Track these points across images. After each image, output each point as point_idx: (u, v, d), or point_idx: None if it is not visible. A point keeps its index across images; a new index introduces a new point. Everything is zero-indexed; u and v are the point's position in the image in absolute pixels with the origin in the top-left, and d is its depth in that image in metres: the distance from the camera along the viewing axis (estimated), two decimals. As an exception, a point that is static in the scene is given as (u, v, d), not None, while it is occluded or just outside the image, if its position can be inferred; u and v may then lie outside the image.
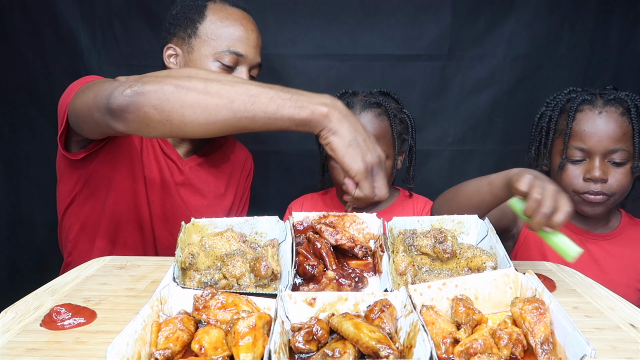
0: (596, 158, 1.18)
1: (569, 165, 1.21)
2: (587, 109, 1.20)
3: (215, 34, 1.23)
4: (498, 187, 1.01)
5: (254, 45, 1.26)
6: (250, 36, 1.26)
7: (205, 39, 1.23)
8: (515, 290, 0.71)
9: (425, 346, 0.55)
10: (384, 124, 1.29)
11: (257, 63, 1.28)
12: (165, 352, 0.58)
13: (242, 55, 1.23)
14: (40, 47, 1.65)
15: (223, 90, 0.82)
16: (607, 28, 1.66)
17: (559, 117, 1.26)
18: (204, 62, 1.23)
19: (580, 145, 1.19)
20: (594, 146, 1.17)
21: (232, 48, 1.22)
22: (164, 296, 0.67)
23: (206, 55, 1.23)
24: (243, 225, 0.93)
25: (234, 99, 0.81)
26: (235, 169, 1.46)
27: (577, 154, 1.20)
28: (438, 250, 0.85)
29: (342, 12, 1.63)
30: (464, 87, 1.70)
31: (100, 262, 1.00)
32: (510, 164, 1.74)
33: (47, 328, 0.71)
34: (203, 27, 1.23)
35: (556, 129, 1.26)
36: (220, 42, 1.22)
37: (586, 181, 1.19)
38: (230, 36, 1.23)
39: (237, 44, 1.23)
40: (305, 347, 0.60)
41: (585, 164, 1.20)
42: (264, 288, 0.78)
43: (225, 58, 1.22)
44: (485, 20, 1.64)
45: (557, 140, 1.26)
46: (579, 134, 1.19)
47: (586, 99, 1.22)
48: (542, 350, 0.58)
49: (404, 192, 1.43)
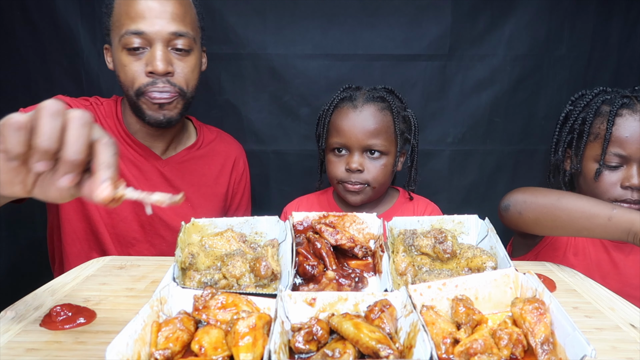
0: (634, 165, 1.14)
1: (605, 172, 1.17)
2: (627, 114, 1.16)
3: (118, 20, 1.16)
4: (615, 235, 0.96)
5: (159, 14, 1.13)
6: (151, 5, 1.13)
7: (114, 29, 1.17)
8: (515, 290, 0.71)
9: (425, 346, 0.55)
10: (386, 119, 1.26)
11: (173, 33, 1.14)
12: (165, 352, 0.58)
13: (143, 32, 1.12)
14: (40, 47, 1.65)
15: None
16: (607, 28, 1.66)
17: (594, 119, 1.20)
18: (116, 54, 1.18)
19: (619, 152, 1.15)
20: (634, 153, 1.13)
21: (130, 29, 1.12)
22: (163, 296, 0.67)
23: (116, 46, 1.17)
24: (243, 225, 0.93)
25: None
26: (226, 163, 1.43)
27: (615, 160, 1.16)
28: (438, 251, 0.85)
29: (342, 12, 1.63)
30: (464, 87, 1.70)
31: (100, 262, 1.00)
32: (510, 164, 1.76)
33: (46, 328, 0.71)
34: (112, 17, 1.18)
35: (590, 132, 1.20)
36: (121, 27, 1.14)
37: (624, 189, 1.15)
38: (128, 16, 1.13)
39: (135, 21, 1.13)
40: (305, 347, 0.60)
41: (623, 170, 1.16)
42: (264, 288, 0.78)
43: (127, 42, 1.14)
44: (485, 20, 1.64)
45: (592, 145, 1.20)
46: (620, 140, 1.14)
47: (625, 102, 1.17)
48: (542, 351, 0.58)
49: (404, 193, 1.41)
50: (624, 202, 1.15)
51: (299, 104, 1.69)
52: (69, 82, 1.67)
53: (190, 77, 1.21)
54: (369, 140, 1.24)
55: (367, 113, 1.25)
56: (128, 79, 1.17)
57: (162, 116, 1.20)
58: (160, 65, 1.14)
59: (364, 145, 1.25)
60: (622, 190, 1.15)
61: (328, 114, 1.31)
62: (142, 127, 1.27)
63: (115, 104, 1.32)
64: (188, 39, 1.17)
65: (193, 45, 1.20)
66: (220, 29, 1.61)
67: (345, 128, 1.25)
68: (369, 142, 1.24)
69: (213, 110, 1.69)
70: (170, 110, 1.20)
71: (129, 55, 1.15)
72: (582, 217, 1.01)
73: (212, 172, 1.40)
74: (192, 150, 1.37)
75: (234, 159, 1.46)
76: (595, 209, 1.00)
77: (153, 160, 1.29)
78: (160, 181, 1.29)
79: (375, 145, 1.25)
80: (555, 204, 1.04)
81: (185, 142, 1.38)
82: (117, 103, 1.32)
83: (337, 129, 1.27)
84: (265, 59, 1.65)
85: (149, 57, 1.15)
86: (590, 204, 1.02)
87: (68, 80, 1.67)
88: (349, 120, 1.25)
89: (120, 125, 1.29)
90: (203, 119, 1.51)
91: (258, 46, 1.64)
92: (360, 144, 1.25)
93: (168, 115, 1.20)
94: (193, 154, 1.37)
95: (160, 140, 1.30)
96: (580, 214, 1.01)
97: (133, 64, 1.16)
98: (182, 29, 1.16)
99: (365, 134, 1.24)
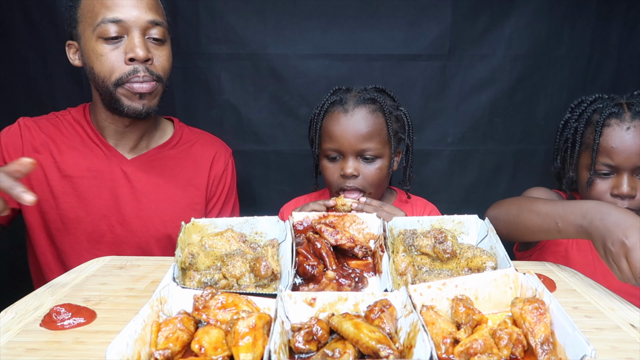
0: (624, 174, 1.16)
1: (597, 180, 1.20)
2: (614, 124, 1.18)
3: (90, 10, 1.14)
4: (573, 236, 1.00)
5: (135, 3, 1.14)
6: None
7: (84, 20, 1.15)
8: (515, 290, 0.71)
9: (425, 346, 0.55)
10: (378, 121, 1.24)
11: (150, 21, 1.15)
12: (165, 352, 0.58)
13: (121, 20, 1.12)
14: (40, 47, 1.65)
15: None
16: (607, 28, 1.66)
17: (585, 129, 1.23)
18: (89, 45, 1.16)
19: (607, 162, 1.17)
20: (622, 163, 1.16)
21: (107, 17, 1.12)
22: (163, 296, 0.67)
23: (89, 37, 1.15)
24: (243, 225, 0.93)
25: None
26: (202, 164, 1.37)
27: (604, 169, 1.18)
28: (438, 251, 0.85)
29: (342, 12, 1.63)
30: (464, 87, 1.70)
31: (100, 262, 1.00)
32: (510, 164, 1.76)
33: (47, 328, 0.71)
34: (80, 9, 1.16)
35: (582, 141, 1.24)
36: (95, 16, 1.13)
37: (614, 197, 1.18)
38: (104, 5, 1.12)
39: (112, 10, 1.12)
40: (305, 347, 0.60)
41: (613, 179, 1.18)
42: (264, 288, 0.78)
43: (104, 31, 1.12)
44: (485, 20, 1.64)
45: (584, 154, 1.23)
46: (607, 150, 1.17)
47: (613, 111, 1.19)
48: (542, 351, 0.58)
49: (402, 194, 1.40)
50: None
51: (299, 104, 1.69)
52: (69, 82, 1.67)
53: (166, 65, 1.21)
54: (362, 145, 1.22)
55: (358, 117, 1.22)
56: (105, 69, 1.15)
57: (141, 106, 1.19)
58: (141, 52, 1.13)
59: (357, 150, 1.22)
60: (612, 198, 1.18)
61: (319, 118, 1.28)
62: (112, 122, 1.25)
63: (84, 109, 1.32)
64: (163, 28, 1.19)
65: (167, 36, 1.21)
66: (220, 29, 1.61)
67: (337, 133, 1.23)
68: (362, 147, 1.22)
69: (213, 110, 1.69)
70: (149, 100, 1.19)
71: (106, 44, 1.14)
72: (539, 230, 1.07)
73: (183, 174, 1.33)
74: (164, 148, 1.33)
75: (211, 159, 1.39)
76: (546, 222, 1.05)
77: (117, 161, 1.26)
78: (122, 183, 1.26)
79: (369, 149, 1.22)
80: (516, 220, 1.12)
81: (158, 139, 1.35)
82: (85, 107, 1.33)
83: (329, 135, 1.25)
84: (265, 59, 1.65)
85: (127, 44, 1.14)
86: (541, 217, 1.06)
87: (68, 81, 1.67)
88: (340, 126, 1.23)
89: (88, 125, 1.29)
90: (203, 119, 1.51)
91: (258, 46, 1.64)
92: (354, 149, 1.22)
93: (147, 105, 1.19)
94: (165, 153, 1.33)
95: (129, 136, 1.28)
96: (537, 227, 1.07)
97: (111, 53, 1.14)
98: (158, 18, 1.17)
99: (358, 138, 1.21)
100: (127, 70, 1.15)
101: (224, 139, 1.50)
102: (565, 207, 1.03)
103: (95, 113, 1.28)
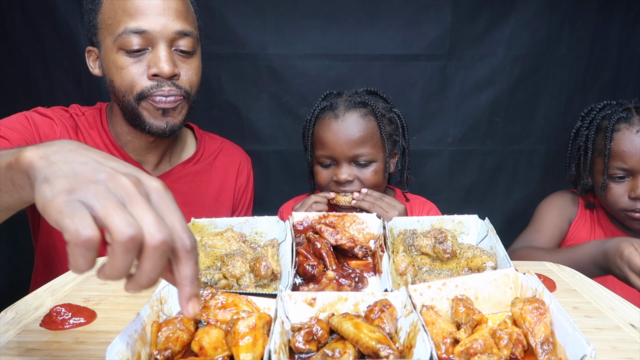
0: (639, 176, 1.19)
1: (612, 184, 1.22)
2: (624, 128, 1.20)
3: (110, 17, 1.02)
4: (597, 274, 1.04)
5: (163, 10, 1.02)
6: (153, 1, 1.01)
7: (105, 28, 1.04)
8: (515, 290, 0.71)
9: (425, 346, 0.55)
10: (370, 125, 1.21)
11: (178, 32, 1.04)
12: (165, 352, 0.58)
13: (145, 31, 1.01)
14: (40, 47, 1.65)
15: None
16: (607, 28, 1.66)
17: (595, 136, 1.26)
18: (109, 56, 1.05)
19: (621, 165, 1.20)
20: (635, 165, 1.18)
21: (129, 27, 1.00)
22: (164, 296, 0.67)
23: (109, 47, 1.04)
24: (243, 225, 0.93)
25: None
26: (228, 178, 1.31)
27: (618, 172, 1.21)
28: (438, 250, 0.85)
29: (342, 12, 1.63)
30: (464, 87, 1.70)
31: (100, 262, 1.00)
32: (510, 164, 1.76)
33: (47, 328, 0.71)
34: (101, 14, 1.05)
35: (594, 148, 1.26)
36: (116, 24, 1.02)
37: (632, 200, 1.20)
38: (126, 12, 1.01)
39: (136, 20, 1.00)
40: (305, 347, 0.60)
41: (629, 182, 1.20)
42: (264, 288, 0.78)
43: (126, 43, 1.01)
44: (485, 20, 1.64)
45: (597, 160, 1.26)
46: (619, 155, 1.20)
47: (622, 116, 1.22)
48: (542, 351, 0.58)
49: (401, 193, 1.39)
50: (633, 212, 1.20)
51: (299, 104, 1.69)
52: (69, 82, 1.67)
53: (194, 80, 1.11)
54: (355, 150, 1.19)
55: (349, 122, 1.20)
56: (126, 83, 1.05)
57: (165, 124, 1.08)
58: (167, 67, 1.02)
59: (350, 156, 1.20)
60: (630, 201, 1.20)
61: (311, 125, 1.26)
62: (134, 137, 1.15)
63: (99, 113, 1.19)
64: (192, 39, 1.07)
65: (196, 46, 1.10)
66: (220, 29, 1.61)
67: (329, 140, 1.20)
68: (354, 152, 1.20)
69: (213, 110, 1.69)
70: (174, 117, 1.09)
71: (127, 57, 1.04)
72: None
73: (210, 191, 1.26)
74: (188, 164, 1.24)
75: (236, 171, 1.33)
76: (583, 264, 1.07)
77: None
78: None
79: (362, 155, 1.20)
80: None
81: (181, 154, 1.25)
82: (101, 112, 1.20)
83: (321, 142, 1.23)
84: (265, 59, 1.65)
85: (151, 58, 1.04)
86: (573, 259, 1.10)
87: (68, 81, 1.67)
88: (332, 132, 1.20)
89: (107, 137, 1.17)
90: (203, 119, 1.50)
91: (258, 46, 1.64)
92: (346, 155, 1.20)
93: (171, 123, 1.09)
94: (189, 169, 1.24)
95: (153, 152, 1.18)
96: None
97: (132, 66, 1.04)
98: (187, 28, 1.06)
99: (350, 144, 1.19)
100: (149, 84, 1.05)
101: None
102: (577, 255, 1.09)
103: (114, 125, 1.17)
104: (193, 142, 1.31)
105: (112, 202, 0.43)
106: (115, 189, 0.44)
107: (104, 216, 0.42)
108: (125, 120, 1.13)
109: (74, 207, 0.42)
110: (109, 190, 0.44)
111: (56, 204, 0.42)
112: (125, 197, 0.44)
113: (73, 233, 0.41)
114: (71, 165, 0.46)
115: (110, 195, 0.44)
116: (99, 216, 0.42)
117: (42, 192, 0.44)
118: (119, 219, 0.42)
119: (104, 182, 0.44)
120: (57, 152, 0.48)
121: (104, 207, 0.43)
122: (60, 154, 0.48)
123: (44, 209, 0.43)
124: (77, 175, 0.45)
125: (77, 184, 0.44)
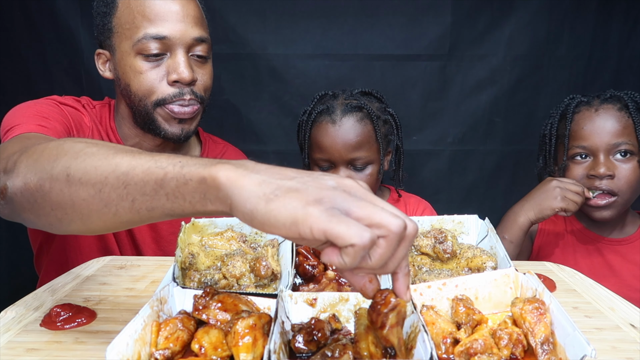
0: (600, 155, 1.16)
1: (572, 165, 1.20)
2: (584, 109, 1.20)
3: (128, 21, 1.02)
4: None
5: (182, 17, 1.02)
6: (173, 7, 1.02)
7: (121, 32, 1.03)
8: (515, 290, 0.71)
9: (425, 347, 0.55)
10: (367, 129, 1.23)
11: (196, 38, 1.05)
12: (165, 352, 0.58)
13: (165, 37, 1.01)
14: (40, 47, 1.65)
15: (88, 172, 0.57)
16: (607, 28, 1.66)
17: (559, 123, 1.25)
18: (126, 60, 1.04)
19: (581, 144, 1.18)
20: (595, 143, 1.16)
21: (149, 32, 1.00)
22: (164, 296, 0.67)
23: (126, 51, 1.04)
24: (243, 225, 0.93)
25: (103, 183, 0.56)
26: None
27: (579, 151, 1.19)
28: (438, 250, 0.85)
29: (342, 12, 1.63)
30: (464, 87, 1.70)
31: (100, 262, 1.00)
32: (510, 164, 1.76)
33: (47, 328, 0.71)
34: (117, 18, 1.04)
35: (557, 134, 1.25)
36: (134, 29, 1.01)
37: (590, 178, 1.17)
38: (145, 18, 1.01)
39: (155, 24, 1.01)
40: (305, 348, 0.60)
41: (590, 162, 1.18)
42: (264, 288, 0.78)
43: (145, 48, 1.01)
44: (485, 20, 1.64)
45: (560, 145, 1.25)
46: (579, 134, 1.18)
47: (582, 100, 1.22)
48: (542, 351, 0.58)
49: (395, 192, 1.39)
50: (592, 200, 1.17)
51: (299, 104, 1.69)
52: (69, 82, 1.67)
53: (209, 85, 1.12)
54: (352, 154, 1.22)
55: (346, 126, 1.21)
56: (144, 88, 1.04)
57: (180, 130, 1.09)
58: (187, 73, 1.03)
59: (347, 160, 1.22)
60: (588, 180, 1.18)
61: (307, 127, 1.27)
62: (142, 140, 1.15)
63: (108, 110, 1.18)
64: (207, 45, 1.09)
65: (210, 52, 1.11)
66: (220, 29, 1.61)
67: (327, 145, 1.23)
68: (352, 156, 1.22)
69: (213, 110, 1.68)
70: (189, 125, 1.10)
71: (146, 62, 1.03)
72: None
73: None
74: None
75: None
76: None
77: None
78: None
79: (359, 158, 1.22)
80: None
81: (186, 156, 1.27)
82: (110, 109, 1.19)
83: (319, 146, 1.24)
84: (265, 59, 1.65)
85: (170, 64, 1.03)
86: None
87: (68, 80, 1.67)
88: (329, 137, 1.22)
89: (114, 136, 1.16)
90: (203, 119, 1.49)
91: (258, 46, 1.64)
92: (344, 159, 1.22)
93: (187, 129, 1.10)
94: None
95: None
96: None
97: (151, 71, 1.03)
98: (203, 34, 1.07)
99: (348, 148, 1.21)
100: (171, 92, 1.05)
101: (224, 138, 1.50)
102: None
103: (120, 125, 1.16)
104: (197, 145, 1.32)
105: (363, 203, 0.46)
106: (351, 191, 0.47)
107: (368, 216, 0.45)
108: (134, 122, 1.13)
109: (336, 214, 0.44)
110: (349, 193, 0.47)
111: (316, 215, 0.44)
112: (362, 197, 0.47)
113: (357, 238, 0.43)
114: (291, 178, 0.48)
115: (353, 197, 0.46)
116: (362, 217, 0.45)
117: (283, 206, 0.45)
118: (384, 214, 0.45)
119: (337, 187, 0.47)
120: (256, 170, 0.50)
121: (361, 208, 0.45)
122: (261, 171, 0.50)
123: (295, 222, 0.44)
124: (309, 186, 0.46)
125: (320, 194, 0.45)
